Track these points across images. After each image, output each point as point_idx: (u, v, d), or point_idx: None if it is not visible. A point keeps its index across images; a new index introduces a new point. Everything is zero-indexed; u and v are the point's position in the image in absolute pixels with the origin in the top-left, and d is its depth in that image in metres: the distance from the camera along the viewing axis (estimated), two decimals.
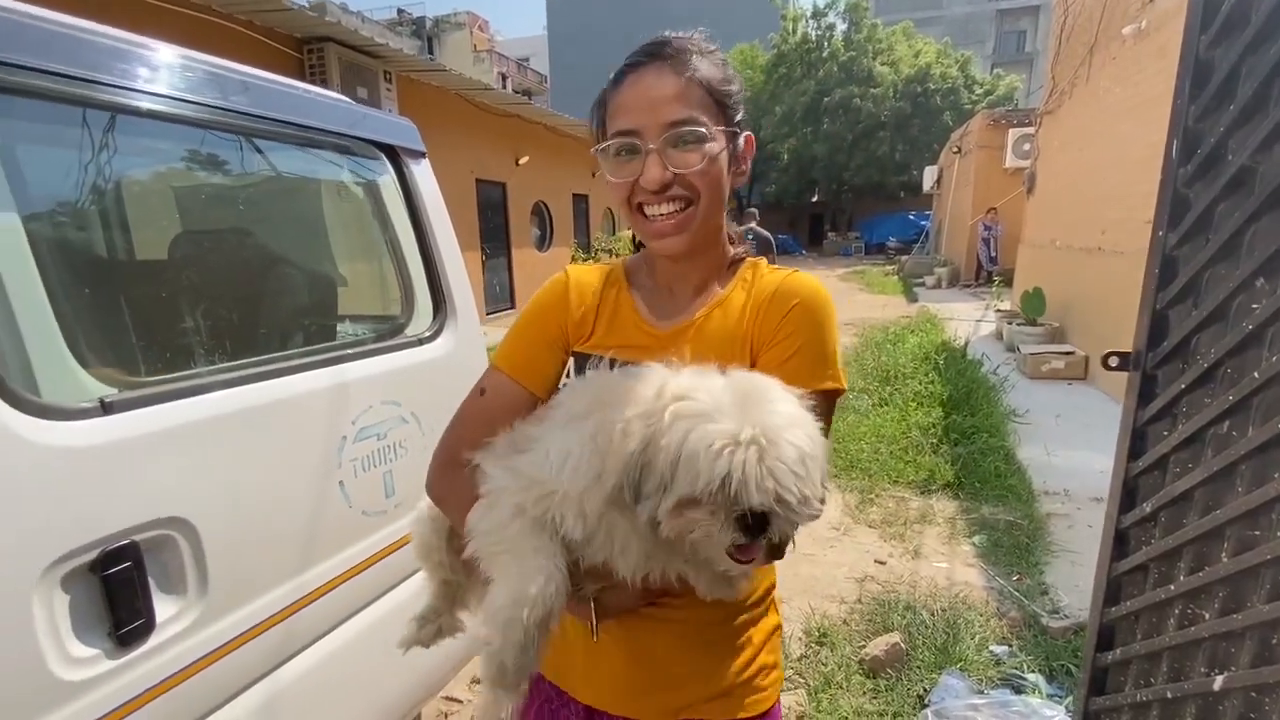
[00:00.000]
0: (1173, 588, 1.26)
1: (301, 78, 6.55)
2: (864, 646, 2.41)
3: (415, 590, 1.47)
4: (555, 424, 0.75)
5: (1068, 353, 5.99)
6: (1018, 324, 7.05)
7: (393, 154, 1.65)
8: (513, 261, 11.28)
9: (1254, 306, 1.10)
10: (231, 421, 1.09)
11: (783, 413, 0.64)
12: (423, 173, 1.72)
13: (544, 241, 12.61)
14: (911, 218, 23.82)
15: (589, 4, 37.87)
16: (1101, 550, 1.50)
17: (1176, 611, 1.26)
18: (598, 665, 0.88)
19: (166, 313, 1.21)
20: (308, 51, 6.59)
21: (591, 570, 0.75)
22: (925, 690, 2.16)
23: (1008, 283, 10.01)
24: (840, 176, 26.54)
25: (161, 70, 1.09)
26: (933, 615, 2.58)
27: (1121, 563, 1.44)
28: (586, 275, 0.95)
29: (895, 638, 2.38)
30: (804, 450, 0.63)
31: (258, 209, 1.58)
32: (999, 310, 8.84)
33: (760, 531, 0.63)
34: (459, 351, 1.68)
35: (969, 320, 9.42)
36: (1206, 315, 1.21)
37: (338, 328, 1.63)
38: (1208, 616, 1.18)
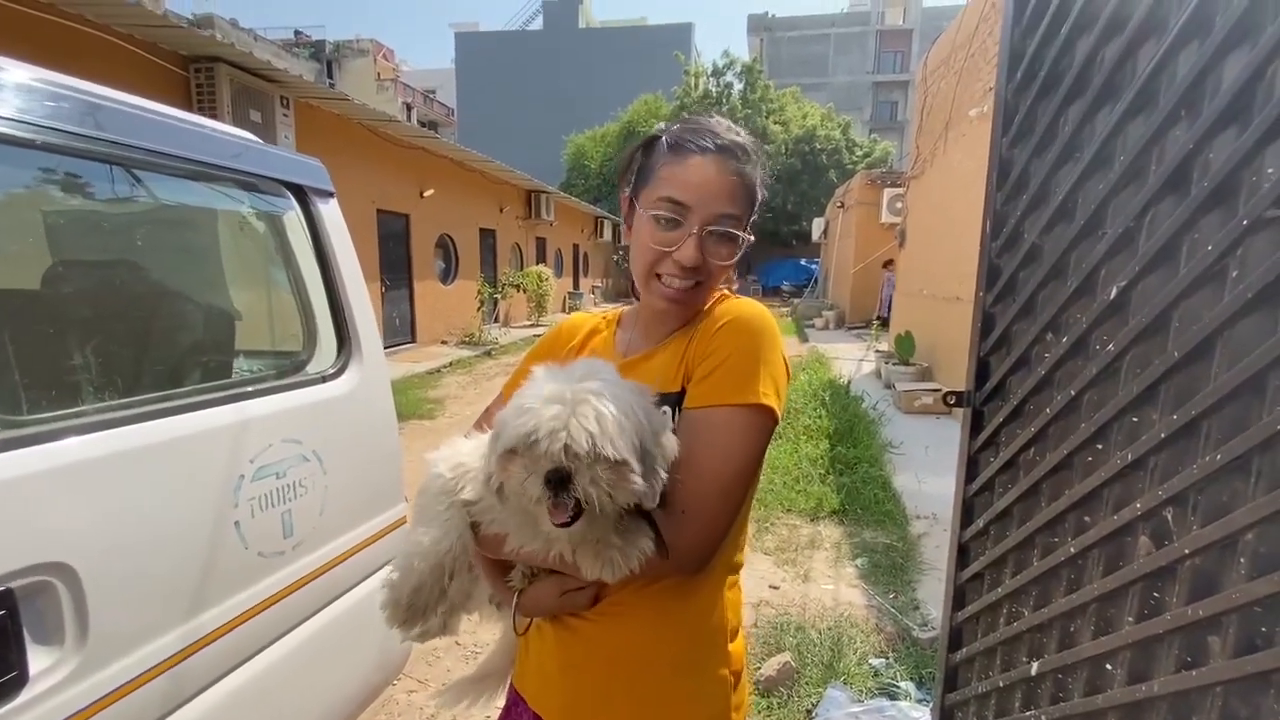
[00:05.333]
0: (999, 590, 1.49)
1: (186, 98, 6.20)
2: (759, 668, 2.55)
3: (318, 629, 1.45)
4: None
5: (935, 390, 6.67)
6: (893, 364, 7.77)
7: (300, 192, 1.66)
8: (414, 294, 10.97)
9: (1045, 355, 1.37)
10: (119, 461, 1.05)
11: (596, 387, 0.71)
12: (330, 212, 1.73)
13: (449, 275, 12.37)
14: (803, 264, 25.61)
15: (499, 41, 38.29)
16: (949, 562, 1.74)
17: (1005, 611, 1.49)
18: (539, 672, 0.93)
19: (51, 348, 1.15)
20: (195, 70, 6.24)
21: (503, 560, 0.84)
22: (813, 705, 2.32)
23: (885, 326, 11.00)
24: None
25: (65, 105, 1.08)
26: (820, 634, 2.78)
27: (964, 572, 1.68)
28: (584, 318, 1.06)
29: (786, 657, 2.54)
30: (604, 414, 0.68)
31: (154, 244, 1.53)
32: (878, 351, 9.69)
33: (561, 486, 0.68)
34: (363, 389, 1.68)
35: (853, 359, 10.23)
36: (1015, 361, 1.48)
37: (234, 364, 1.59)
38: (1025, 613, 1.41)
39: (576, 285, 20.38)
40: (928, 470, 4.81)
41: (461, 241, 12.61)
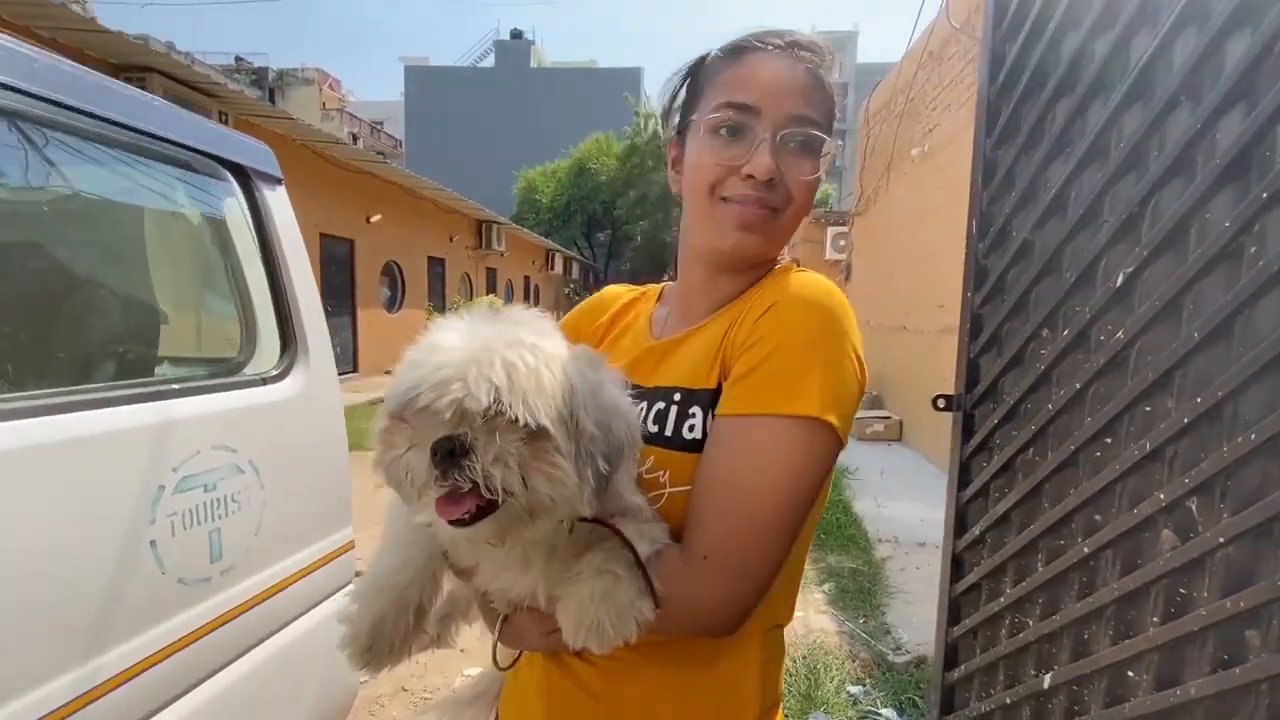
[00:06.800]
0: (1001, 600, 1.43)
1: None
2: None
3: (247, 672, 1.23)
4: None
5: (885, 417, 6.80)
6: None
7: (242, 176, 1.50)
8: (358, 321, 10.54)
9: (1042, 352, 1.34)
10: None
11: (513, 335, 0.54)
12: (277, 200, 1.58)
13: (395, 303, 11.97)
14: None
15: (449, 76, 38.41)
16: (941, 574, 1.67)
17: (1007, 622, 1.43)
18: (521, 705, 0.76)
19: None
20: (125, 80, 5.87)
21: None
22: None
23: None
24: None
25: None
26: (795, 663, 2.66)
27: (958, 584, 1.61)
28: (619, 290, 0.91)
29: None
30: (517, 366, 0.51)
31: (65, 222, 1.33)
32: None
33: (453, 462, 0.50)
34: (310, 393, 1.50)
35: None
36: (1008, 361, 1.45)
37: (158, 359, 1.39)
38: (1031, 623, 1.34)
39: None
40: (885, 495, 4.83)
41: (409, 269, 12.27)
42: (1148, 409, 1.07)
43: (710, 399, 0.67)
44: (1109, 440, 1.16)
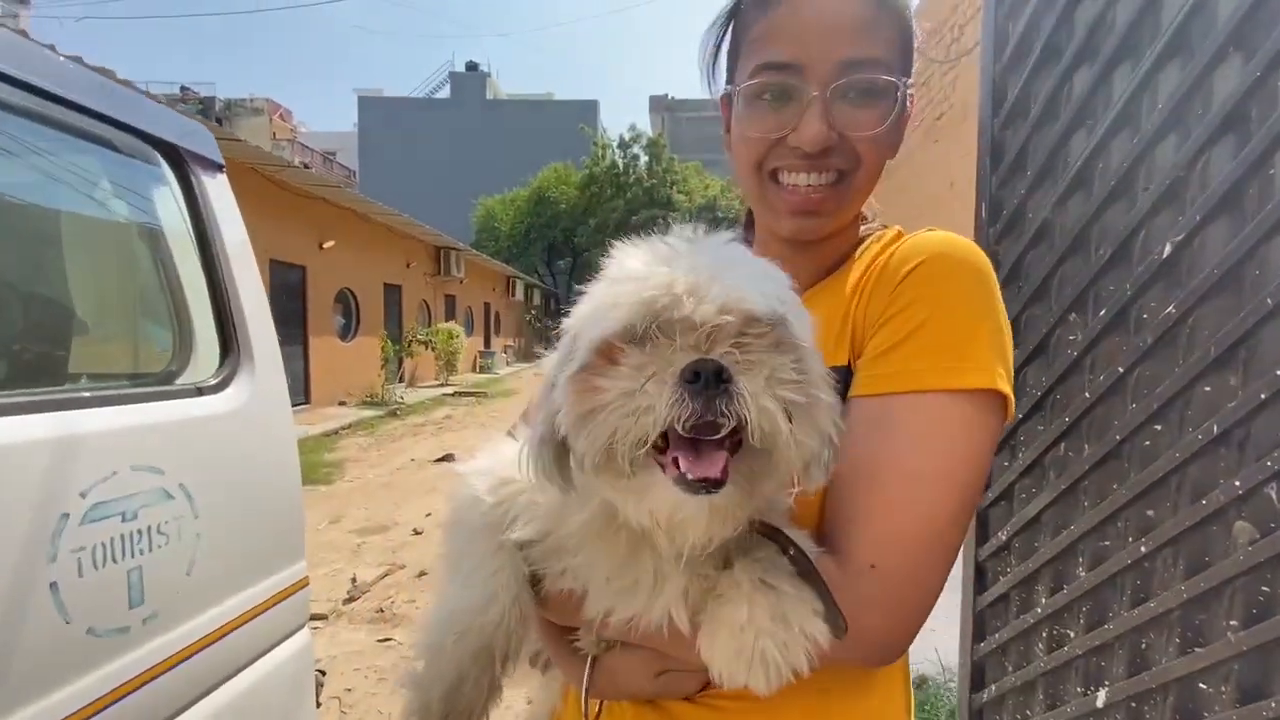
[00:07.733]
0: (1037, 611, 1.31)
1: None
2: None
3: None
4: None
5: None
6: None
7: (177, 159, 1.31)
8: (309, 350, 10.09)
9: (1071, 338, 1.26)
10: None
11: (743, 250, 0.46)
12: (218, 188, 1.39)
13: (349, 331, 11.53)
14: None
15: (404, 107, 38.18)
16: (964, 587, 1.54)
17: (1044, 635, 1.31)
18: None
19: None
20: None
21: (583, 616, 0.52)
22: None
23: None
24: None
25: None
26: None
27: (983, 596, 1.49)
28: None
29: None
30: (772, 275, 0.43)
31: None
32: None
33: (720, 386, 0.36)
34: (255, 406, 1.30)
35: None
36: (1030, 351, 1.36)
37: (68, 363, 1.17)
38: (1074, 634, 1.23)
39: (488, 344, 19.77)
40: None
41: (364, 296, 11.87)
42: (1207, 389, 0.98)
43: (842, 380, 0.55)
44: (1159, 427, 1.07)
